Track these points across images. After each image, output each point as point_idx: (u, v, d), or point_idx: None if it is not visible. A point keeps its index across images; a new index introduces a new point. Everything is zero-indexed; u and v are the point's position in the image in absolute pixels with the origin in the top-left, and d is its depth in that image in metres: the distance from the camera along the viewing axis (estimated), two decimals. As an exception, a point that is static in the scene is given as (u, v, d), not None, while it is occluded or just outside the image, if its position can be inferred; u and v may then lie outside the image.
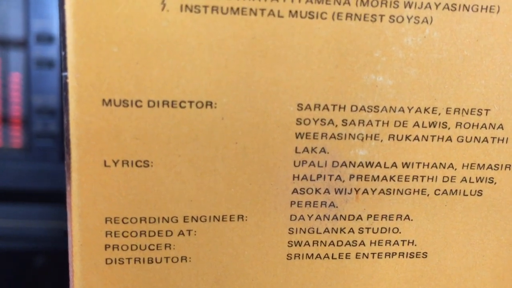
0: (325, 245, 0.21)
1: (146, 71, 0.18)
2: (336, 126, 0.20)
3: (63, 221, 0.49)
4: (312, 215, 0.21)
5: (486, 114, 0.21)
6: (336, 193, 0.21)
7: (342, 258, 0.21)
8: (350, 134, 0.20)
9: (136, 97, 0.19)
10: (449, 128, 0.21)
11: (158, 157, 0.19)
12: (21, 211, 0.49)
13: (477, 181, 0.21)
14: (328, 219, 0.21)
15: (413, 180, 0.21)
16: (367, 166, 0.21)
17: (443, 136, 0.21)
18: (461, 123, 0.21)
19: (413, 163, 0.21)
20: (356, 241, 0.21)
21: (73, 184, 0.19)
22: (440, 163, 0.21)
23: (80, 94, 0.18)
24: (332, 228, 0.21)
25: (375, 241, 0.21)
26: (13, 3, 0.46)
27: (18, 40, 0.47)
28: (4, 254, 0.50)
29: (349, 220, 0.21)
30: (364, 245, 0.21)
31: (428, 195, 0.21)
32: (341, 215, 0.21)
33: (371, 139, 0.20)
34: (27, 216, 0.49)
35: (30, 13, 0.46)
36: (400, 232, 0.21)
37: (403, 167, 0.21)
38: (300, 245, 0.21)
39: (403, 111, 0.20)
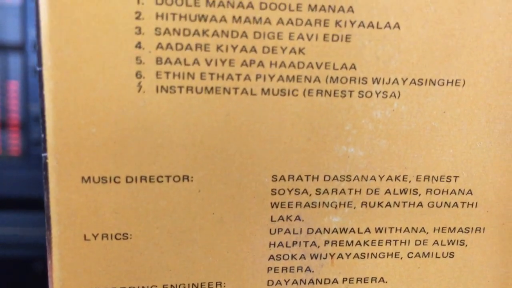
0: (301, 310, 0.21)
1: (124, 149, 0.19)
2: (310, 195, 0.20)
3: None
4: (289, 280, 0.21)
5: (455, 181, 0.21)
6: (311, 258, 0.21)
7: (318, 322, 0.21)
8: (323, 202, 0.21)
9: (114, 173, 0.19)
10: (419, 195, 0.21)
11: (137, 229, 0.19)
12: (19, 219, 0.49)
13: (448, 244, 0.22)
14: (305, 283, 0.21)
15: (386, 244, 0.21)
16: (341, 232, 0.21)
17: (414, 202, 0.21)
18: (431, 190, 0.21)
19: (385, 228, 0.21)
20: (331, 305, 0.21)
21: (54, 258, 0.19)
22: (412, 228, 0.21)
23: (60, 173, 0.18)
24: (308, 293, 0.21)
25: (351, 304, 0.22)
26: (10, 11, 0.46)
27: (15, 48, 0.46)
28: (3, 261, 0.50)
29: (325, 284, 0.21)
30: (340, 309, 0.21)
31: (401, 258, 0.21)
32: (317, 279, 0.21)
33: (344, 206, 0.21)
34: (25, 224, 0.49)
35: (28, 22, 0.46)
36: (374, 295, 0.22)
37: (376, 232, 0.21)
38: (277, 310, 0.21)
39: (374, 179, 0.20)
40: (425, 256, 0.22)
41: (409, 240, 0.21)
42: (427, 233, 0.21)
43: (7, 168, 0.47)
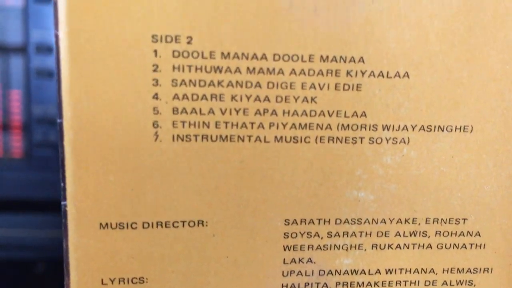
0: None
1: (141, 195, 0.19)
2: (322, 238, 0.21)
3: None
4: (301, 320, 0.21)
5: (464, 223, 0.21)
6: (323, 299, 0.21)
7: None
8: (335, 245, 0.21)
9: (131, 219, 0.19)
10: (429, 237, 0.21)
11: (153, 273, 0.20)
12: (21, 220, 0.49)
13: (457, 284, 0.22)
14: (316, 324, 0.21)
15: (396, 285, 0.22)
16: (352, 274, 0.21)
17: (423, 244, 0.21)
18: (440, 232, 0.21)
19: (396, 269, 0.21)
20: None
21: (72, 302, 0.19)
22: (422, 269, 0.21)
23: (79, 220, 0.19)
24: (320, 334, 0.21)
25: None
26: (12, 13, 0.46)
27: (17, 50, 0.46)
28: (5, 263, 0.50)
29: (336, 324, 0.22)
30: None
31: (411, 298, 0.22)
32: (328, 320, 0.22)
33: (355, 248, 0.21)
34: (27, 225, 0.49)
35: (29, 24, 0.45)
36: (385, 335, 0.22)
37: (387, 273, 0.21)
38: None
39: (384, 222, 0.21)
40: (435, 296, 0.22)
41: (418, 281, 0.22)
42: (436, 273, 0.22)
43: (10, 170, 0.47)
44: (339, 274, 0.21)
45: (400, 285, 0.21)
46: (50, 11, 0.46)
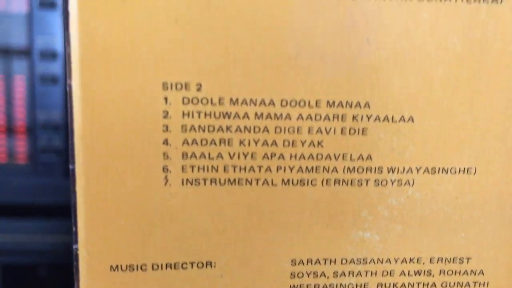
0: None
1: (150, 238, 0.19)
2: (328, 277, 0.21)
3: (68, 235, 0.49)
4: None
5: (468, 262, 0.21)
6: (329, 337, 0.21)
7: None
8: (341, 284, 0.21)
9: (141, 261, 0.19)
10: (433, 276, 0.21)
11: (162, 314, 0.20)
12: (26, 226, 0.49)
13: (461, 322, 0.22)
14: None
15: (401, 323, 0.22)
16: (357, 312, 0.21)
17: (428, 283, 0.21)
18: (444, 271, 0.21)
19: (401, 307, 0.22)
20: None
21: None
22: (426, 306, 0.22)
23: (90, 262, 0.19)
24: None
25: None
26: (16, 19, 0.46)
27: (21, 56, 0.47)
28: (10, 268, 0.50)
29: None
30: None
31: (416, 335, 0.22)
32: None
33: (360, 287, 0.21)
34: (32, 231, 0.49)
35: (34, 30, 0.46)
36: None
37: (392, 311, 0.22)
38: None
39: (389, 262, 0.21)
40: (439, 333, 0.22)
41: (423, 319, 0.22)
42: (441, 311, 0.22)
43: (14, 176, 0.47)
44: (345, 313, 0.21)
45: (405, 322, 0.22)
46: (54, 17, 0.46)
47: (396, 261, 0.21)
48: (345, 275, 0.21)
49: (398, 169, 0.20)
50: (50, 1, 0.46)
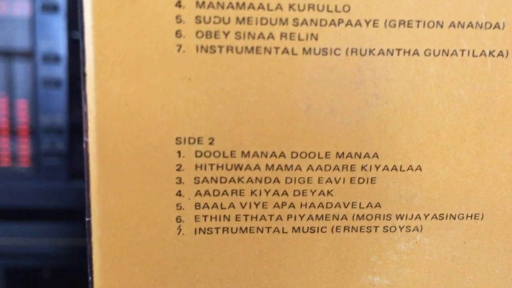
0: None
1: (164, 286, 0.20)
2: (338, 320, 0.21)
3: (71, 238, 0.50)
4: None
5: (476, 304, 0.22)
6: None
7: None
8: (350, 327, 0.21)
9: (155, 308, 0.20)
10: (441, 317, 0.22)
11: None
12: (29, 229, 0.50)
13: None
14: None
15: None
16: None
17: (436, 324, 0.22)
18: (452, 313, 0.22)
19: None
20: None
21: None
22: None
23: (106, 310, 0.20)
24: None
25: None
26: (19, 23, 0.46)
27: (24, 59, 0.47)
28: (14, 271, 0.51)
29: None
30: None
31: None
32: None
33: (370, 329, 0.22)
34: (35, 234, 0.50)
35: (36, 33, 0.46)
36: None
37: None
38: None
39: (398, 305, 0.21)
40: None
41: None
42: None
43: (17, 180, 0.48)
44: None
45: None
46: (57, 21, 0.47)
47: (405, 304, 0.21)
48: (354, 318, 0.21)
49: (406, 216, 0.20)
50: (53, 4, 0.46)
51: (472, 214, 0.21)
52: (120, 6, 0.17)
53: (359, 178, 0.20)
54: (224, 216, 0.20)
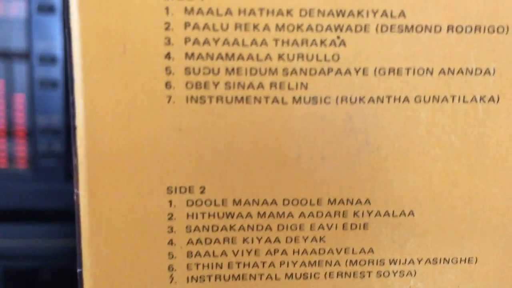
0: None
1: (157, 334, 0.20)
2: None
3: (69, 238, 0.49)
4: None
5: None
6: None
7: None
8: None
9: None
10: None
11: None
12: (27, 230, 0.49)
13: None
14: None
15: None
16: None
17: None
18: None
19: None
20: None
21: None
22: None
23: None
24: None
25: None
26: (16, 24, 0.46)
27: (21, 60, 0.47)
28: (12, 272, 0.50)
29: None
30: None
31: None
32: None
33: None
34: (33, 235, 0.49)
35: (33, 34, 0.46)
36: None
37: None
38: None
39: None
40: None
41: None
42: None
43: (15, 181, 0.47)
44: None
45: None
46: (53, 22, 0.47)
47: None
48: None
49: (400, 261, 0.20)
50: (49, 5, 0.46)
51: (465, 258, 0.21)
52: (110, 58, 0.17)
53: (351, 224, 0.20)
54: (217, 264, 0.20)
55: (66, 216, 0.49)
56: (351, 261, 0.20)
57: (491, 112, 0.19)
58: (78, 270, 0.19)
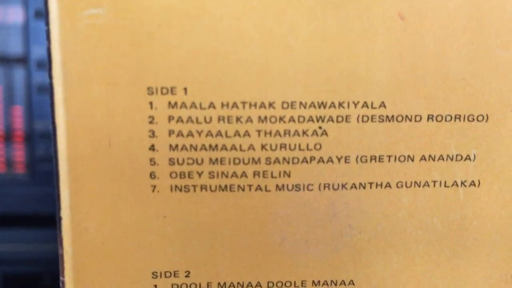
0: None
1: None
2: None
3: None
4: None
5: None
6: None
7: None
8: None
9: None
10: None
11: None
12: (26, 235, 0.49)
13: None
14: None
15: None
16: None
17: None
18: None
19: None
20: None
21: None
22: None
23: None
24: None
25: None
26: (13, 30, 0.46)
27: (18, 66, 0.47)
28: (13, 277, 0.50)
29: None
30: None
31: None
32: None
33: None
34: (32, 240, 0.49)
35: (30, 40, 0.46)
36: None
37: None
38: None
39: None
40: None
41: None
42: None
43: (13, 186, 0.47)
44: None
45: None
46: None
47: None
48: None
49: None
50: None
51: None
52: (95, 151, 0.18)
53: (335, 303, 0.20)
54: None
55: None
56: None
57: (472, 196, 0.19)
58: None
